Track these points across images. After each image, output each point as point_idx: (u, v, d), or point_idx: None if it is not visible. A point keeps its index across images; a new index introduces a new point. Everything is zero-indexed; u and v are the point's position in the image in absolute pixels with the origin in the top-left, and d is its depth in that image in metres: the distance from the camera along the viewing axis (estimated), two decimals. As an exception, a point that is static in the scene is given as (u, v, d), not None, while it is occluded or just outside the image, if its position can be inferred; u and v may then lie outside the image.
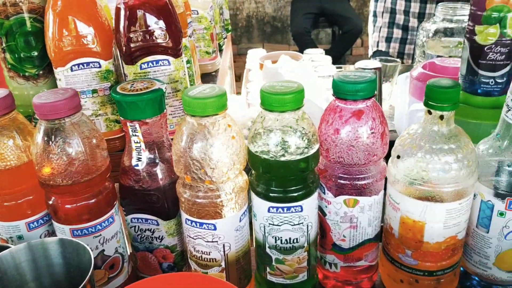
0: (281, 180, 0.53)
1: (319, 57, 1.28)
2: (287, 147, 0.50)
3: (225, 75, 1.31)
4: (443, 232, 0.54)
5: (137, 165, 0.57)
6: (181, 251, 0.63)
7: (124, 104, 0.54)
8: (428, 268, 0.56)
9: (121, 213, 0.62)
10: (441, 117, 0.51)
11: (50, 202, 0.56)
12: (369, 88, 0.51)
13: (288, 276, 0.57)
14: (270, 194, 0.53)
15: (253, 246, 0.60)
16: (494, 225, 0.55)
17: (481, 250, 0.57)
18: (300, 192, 0.53)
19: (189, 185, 0.54)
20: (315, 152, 0.52)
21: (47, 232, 0.61)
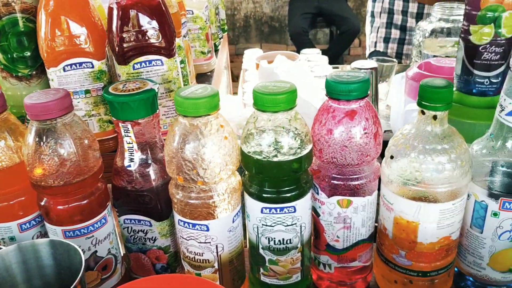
0: (274, 181, 0.52)
1: (316, 57, 1.27)
2: (280, 148, 0.50)
3: (221, 75, 1.31)
4: (437, 233, 0.54)
5: (130, 166, 0.57)
6: (175, 252, 0.63)
7: (116, 105, 0.54)
8: (422, 269, 0.56)
9: (114, 214, 0.62)
10: (435, 117, 0.51)
11: (42, 203, 0.56)
12: (362, 88, 0.51)
13: (282, 277, 0.57)
14: (263, 195, 0.53)
15: (247, 247, 0.60)
16: (488, 226, 0.54)
17: (475, 251, 0.57)
18: (293, 193, 0.52)
19: (182, 186, 0.53)
20: (308, 153, 0.52)
21: (40, 233, 0.61)
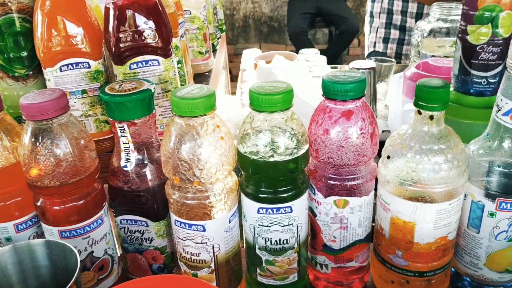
0: (271, 181, 0.52)
1: (314, 57, 1.27)
2: (276, 148, 0.50)
3: (219, 75, 1.30)
4: (434, 233, 0.53)
5: (126, 166, 0.57)
6: (171, 253, 0.63)
7: (112, 105, 0.54)
8: (419, 269, 0.56)
9: (111, 215, 0.62)
10: (431, 117, 0.51)
11: (38, 204, 0.56)
12: (359, 89, 0.51)
13: (279, 277, 0.57)
14: (260, 195, 0.53)
15: (244, 247, 0.60)
16: (485, 226, 0.54)
17: (472, 251, 0.57)
18: (290, 193, 0.52)
19: (178, 186, 0.53)
20: (305, 153, 0.52)
21: (36, 234, 0.61)
